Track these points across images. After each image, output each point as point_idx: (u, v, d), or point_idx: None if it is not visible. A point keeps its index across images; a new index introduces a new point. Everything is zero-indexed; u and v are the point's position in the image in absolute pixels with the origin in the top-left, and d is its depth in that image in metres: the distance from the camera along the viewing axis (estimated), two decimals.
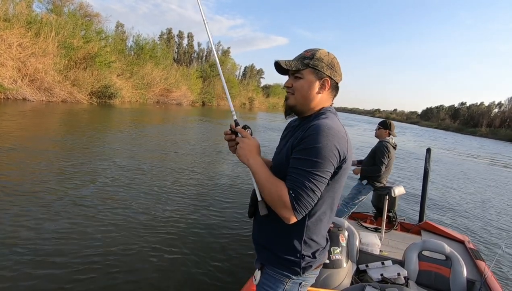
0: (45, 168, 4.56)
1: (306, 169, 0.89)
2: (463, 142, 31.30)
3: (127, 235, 2.95)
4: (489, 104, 78.51)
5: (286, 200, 0.88)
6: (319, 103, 1.05)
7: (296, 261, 1.00)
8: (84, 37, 17.99)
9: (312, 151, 0.89)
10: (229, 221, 3.66)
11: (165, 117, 15.82)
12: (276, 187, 0.91)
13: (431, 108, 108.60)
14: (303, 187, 0.88)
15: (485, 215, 5.80)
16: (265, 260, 1.07)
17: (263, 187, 0.93)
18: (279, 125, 20.32)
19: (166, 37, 49.85)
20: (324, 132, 0.90)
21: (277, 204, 0.90)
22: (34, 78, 14.18)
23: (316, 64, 1.01)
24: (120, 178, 4.64)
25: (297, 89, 1.04)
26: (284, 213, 0.89)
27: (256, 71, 69.72)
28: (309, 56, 1.02)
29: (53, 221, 3.02)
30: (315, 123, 0.95)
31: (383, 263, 2.38)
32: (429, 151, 2.89)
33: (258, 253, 1.12)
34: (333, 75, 1.03)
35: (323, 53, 1.03)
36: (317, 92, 1.03)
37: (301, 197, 0.88)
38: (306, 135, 0.92)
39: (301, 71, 1.02)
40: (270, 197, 0.92)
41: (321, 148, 0.88)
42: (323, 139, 0.89)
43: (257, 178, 0.95)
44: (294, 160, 0.93)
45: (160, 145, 7.77)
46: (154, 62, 25.42)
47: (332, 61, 1.03)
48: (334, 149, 0.90)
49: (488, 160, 17.31)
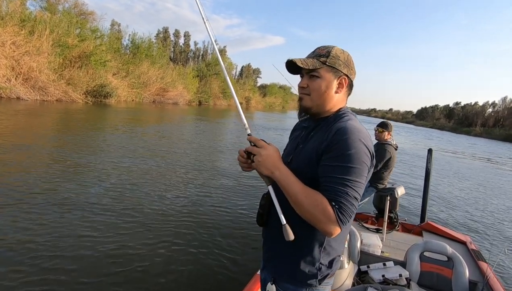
0: (39, 168, 4.49)
1: (345, 177, 0.84)
2: (459, 142, 31.59)
3: (132, 235, 2.90)
4: (483, 104, 79.30)
5: (331, 213, 0.81)
6: (336, 103, 1.00)
7: (314, 272, 0.97)
8: (79, 36, 17.80)
9: (348, 157, 0.84)
10: (236, 222, 3.63)
11: (162, 117, 15.73)
12: (316, 200, 0.82)
13: (426, 108, 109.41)
14: (346, 196, 0.83)
15: (487, 216, 5.78)
16: (279, 273, 1.02)
17: (300, 201, 0.84)
18: (277, 125, 20.31)
19: (162, 36, 49.60)
20: (355, 135, 0.86)
21: (320, 219, 0.82)
22: (28, 77, 14.00)
23: (333, 62, 0.95)
24: (119, 177, 4.58)
25: (313, 89, 0.97)
26: (328, 227, 0.82)
27: (253, 70, 69.75)
28: (325, 53, 0.96)
29: (46, 222, 2.96)
30: (342, 126, 0.89)
31: (384, 264, 2.37)
32: (431, 151, 2.89)
33: (270, 265, 1.06)
34: (349, 73, 0.98)
35: (339, 51, 0.98)
36: (335, 92, 0.98)
37: (345, 207, 0.82)
38: (336, 141, 0.87)
39: (317, 70, 0.95)
40: (310, 212, 0.83)
41: (356, 153, 0.85)
42: (356, 144, 0.85)
43: (291, 192, 0.85)
44: (329, 167, 0.86)
45: (159, 145, 7.70)
46: (150, 61, 25.26)
47: (348, 59, 0.98)
48: (367, 152, 0.87)
49: (486, 160, 17.47)
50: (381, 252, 2.55)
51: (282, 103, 67.79)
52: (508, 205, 6.99)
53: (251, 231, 3.44)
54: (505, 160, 18.90)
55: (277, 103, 64.39)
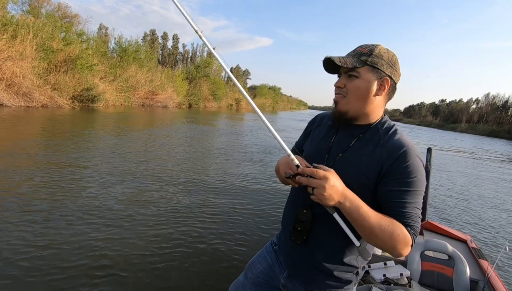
0: (23, 178, 4.32)
1: (415, 201, 0.84)
2: (447, 138, 32.32)
3: (130, 239, 2.81)
4: (467, 101, 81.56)
5: (410, 239, 0.82)
6: (376, 107, 0.93)
7: (351, 278, 0.97)
8: (64, 40, 17.38)
9: (416, 182, 0.84)
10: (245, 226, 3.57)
11: (152, 121, 15.49)
12: (394, 230, 0.80)
13: (413, 106, 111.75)
14: (418, 219, 0.84)
15: (488, 214, 5.81)
16: (315, 283, 1.00)
17: (376, 234, 0.80)
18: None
19: (150, 39, 49.03)
20: (417, 156, 0.86)
21: (399, 247, 0.81)
22: (11, 83, 13.55)
23: (376, 62, 0.88)
24: (108, 185, 4.46)
25: (351, 90, 0.90)
26: (404, 251, 0.82)
27: (242, 72, 69.69)
28: (367, 52, 0.89)
29: (37, 231, 2.84)
30: (403, 146, 0.86)
31: (385, 263, 2.36)
32: (430, 150, 2.90)
33: (300, 277, 1.03)
34: (393, 74, 0.91)
35: (383, 50, 0.90)
36: (375, 94, 0.90)
37: (417, 230, 0.84)
38: (402, 164, 0.84)
39: (357, 69, 0.88)
40: (387, 242, 0.80)
41: (422, 175, 0.85)
42: (420, 167, 0.85)
43: (365, 224, 0.80)
44: (398, 192, 0.84)
45: (149, 150, 7.56)
46: (138, 64, 24.90)
47: (392, 59, 0.91)
48: (424, 170, 0.87)
49: (480, 155, 17.89)
50: (382, 252, 2.55)
51: (272, 104, 68.04)
52: (507, 203, 7.05)
53: (252, 235, 3.39)
54: (496, 155, 19.41)
55: (268, 104, 64.53)
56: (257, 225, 3.70)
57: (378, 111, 0.94)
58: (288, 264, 1.06)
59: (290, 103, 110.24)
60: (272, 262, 1.13)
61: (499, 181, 9.95)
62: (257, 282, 1.14)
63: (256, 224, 3.73)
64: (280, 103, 70.37)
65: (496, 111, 67.31)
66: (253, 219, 3.87)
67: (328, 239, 0.95)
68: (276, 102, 70.37)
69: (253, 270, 1.17)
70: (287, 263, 1.07)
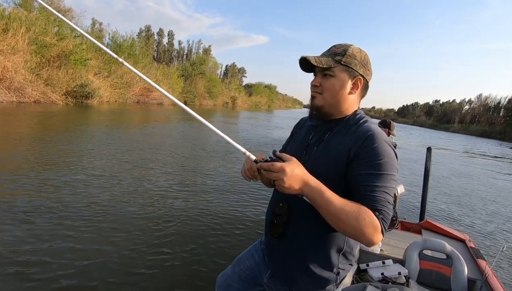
0: (14, 176, 4.24)
1: (384, 185, 0.82)
2: (442, 138, 32.68)
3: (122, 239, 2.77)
4: (460, 101, 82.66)
5: (377, 224, 0.78)
6: (350, 105, 0.97)
7: (333, 278, 0.94)
8: (57, 34, 17.07)
9: (384, 165, 0.83)
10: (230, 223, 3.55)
11: (147, 118, 15.36)
12: (360, 214, 0.77)
13: (407, 106, 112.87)
14: (387, 204, 0.81)
15: (486, 214, 5.84)
16: (295, 282, 0.99)
17: (342, 218, 0.77)
18: (264, 124, 20.31)
19: (145, 35, 48.48)
20: (385, 141, 0.86)
21: (366, 232, 0.77)
22: (2, 78, 13.28)
23: (349, 62, 0.92)
24: (104, 179, 4.40)
25: (326, 88, 0.94)
26: (374, 238, 0.79)
27: (238, 69, 69.43)
28: (341, 52, 0.93)
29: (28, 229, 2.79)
30: (370, 131, 0.87)
31: (383, 262, 2.36)
32: (430, 149, 2.92)
33: (281, 275, 1.02)
34: (365, 74, 0.96)
35: (356, 50, 0.95)
36: (349, 93, 0.95)
37: (387, 215, 0.81)
38: (368, 147, 0.84)
39: (332, 68, 0.92)
40: (354, 227, 0.77)
41: (390, 159, 0.84)
42: (388, 150, 0.85)
43: (330, 209, 0.77)
44: (366, 175, 0.83)
45: (143, 148, 7.49)
46: (133, 60, 24.61)
47: (365, 58, 0.95)
48: (395, 157, 0.88)
49: (477, 155, 18.10)
50: (380, 250, 2.56)
51: (268, 102, 68.01)
52: (507, 203, 7.10)
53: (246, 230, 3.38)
54: (492, 155, 19.70)
55: (263, 102, 64.50)
56: (250, 221, 3.70)
57: (353, 107, 0.99)
58: (271, 261, 1.08)
59: (286, 102, 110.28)
60: (258, 260, 1.15)
61: (497, 181, 10.11)
62: (243, 278, 1.16)
63: (249, 220, 3.74)
64: (276, 102, 70.34)
65: (488, 112, 68.42)
66: (246, 215, 3.87)
67: (307, 234, 0.94)
68: (272, 101, 70.32)
69: (240, 266, 1.20)
70: (270, 260, 1.09)
